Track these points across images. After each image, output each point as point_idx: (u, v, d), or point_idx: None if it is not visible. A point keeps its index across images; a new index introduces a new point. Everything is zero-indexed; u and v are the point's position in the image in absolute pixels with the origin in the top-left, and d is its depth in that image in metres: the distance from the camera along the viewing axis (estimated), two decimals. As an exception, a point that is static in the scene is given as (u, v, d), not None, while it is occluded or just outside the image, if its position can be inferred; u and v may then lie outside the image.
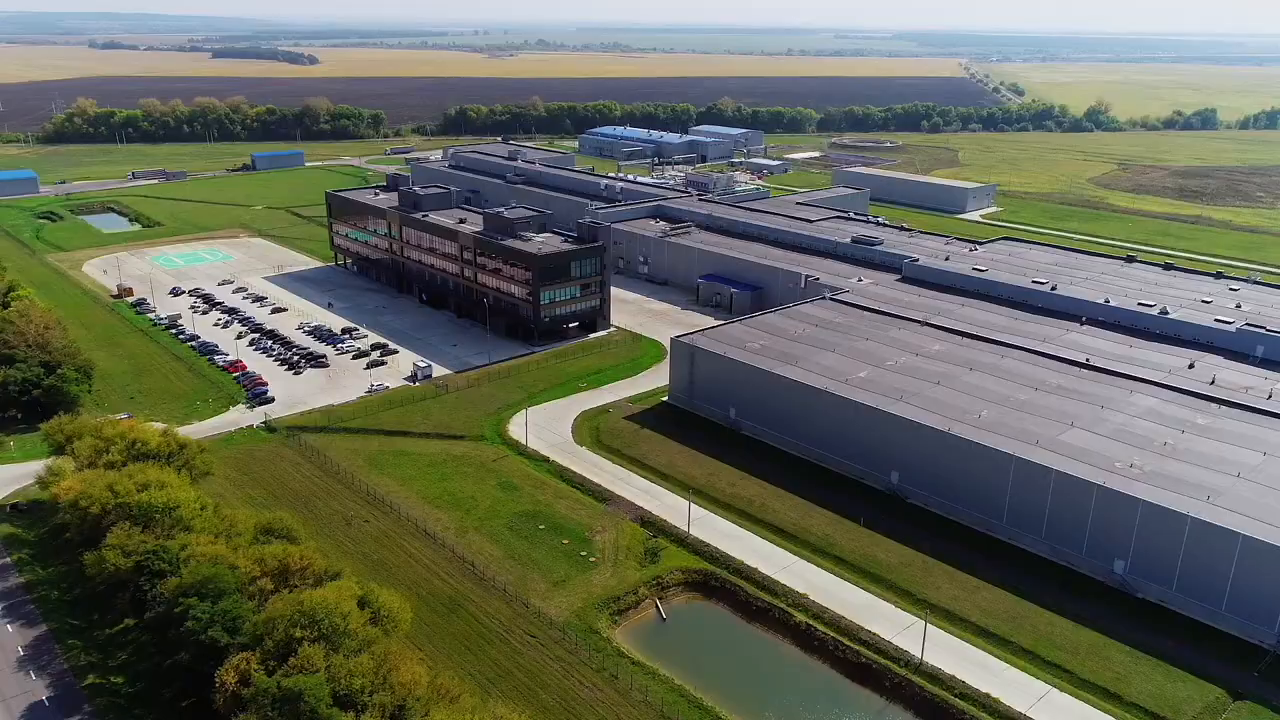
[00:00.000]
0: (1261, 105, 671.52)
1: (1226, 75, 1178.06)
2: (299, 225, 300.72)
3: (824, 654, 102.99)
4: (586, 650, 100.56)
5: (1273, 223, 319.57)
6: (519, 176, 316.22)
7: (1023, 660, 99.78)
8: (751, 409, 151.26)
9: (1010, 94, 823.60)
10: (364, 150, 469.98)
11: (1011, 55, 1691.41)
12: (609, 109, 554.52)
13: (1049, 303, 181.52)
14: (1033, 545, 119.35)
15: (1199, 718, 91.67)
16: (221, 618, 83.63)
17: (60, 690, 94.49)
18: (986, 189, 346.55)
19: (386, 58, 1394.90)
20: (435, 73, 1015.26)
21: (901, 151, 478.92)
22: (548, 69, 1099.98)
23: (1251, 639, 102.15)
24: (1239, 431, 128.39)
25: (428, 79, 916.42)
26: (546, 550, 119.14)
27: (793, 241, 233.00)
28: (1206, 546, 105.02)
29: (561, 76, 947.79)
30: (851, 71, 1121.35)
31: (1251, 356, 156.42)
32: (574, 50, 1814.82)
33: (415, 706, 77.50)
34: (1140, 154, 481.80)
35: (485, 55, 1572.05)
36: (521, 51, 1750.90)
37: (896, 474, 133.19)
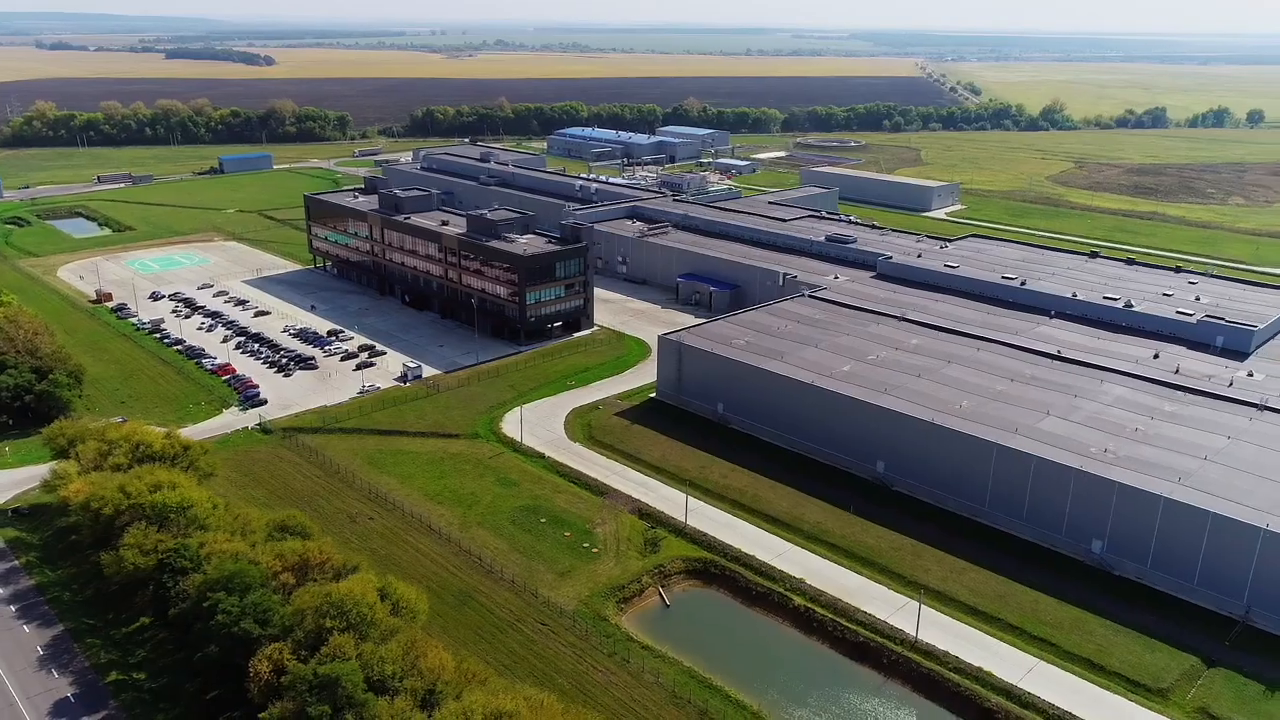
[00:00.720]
0: (1208, 104, 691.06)
1: (1172, 74, 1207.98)
2: (273, 229, 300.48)
3: (823, 635, 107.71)
4: (597, 636, 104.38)
5: (1224, 218, 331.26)
6: (492, 178, 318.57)
7: (1011, 636, 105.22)
8: (739, 404, 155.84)
9: (967, 93, 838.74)
10: (331, 152, 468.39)
11: (966, 55, 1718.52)
12: (576, 110, 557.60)
13: (1019, 297, 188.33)
14: (1015, 528, 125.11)
15: (1177, 685, 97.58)
16: (252, 610, 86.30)
17: (83, 687, 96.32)
18: (950, 187, 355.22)
19: (344, 58, 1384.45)
20: (396, 73, 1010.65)
21: (865, 151, 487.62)
22: (509, 69, 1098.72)
23: (1222, 610, 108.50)
24: (1204, 417, 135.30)
25: (389, 80, 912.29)
26: (550, 543, 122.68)
27: (768, 241, 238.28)
28: (1179, 525, 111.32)
29: (524, 77, 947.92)
30: (811, 71, 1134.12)
31: (1212, 346, 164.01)
32: (533, 50, 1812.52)
33: (446, 689, 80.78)
34: (1095, 152, 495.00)
35: (444, 55, 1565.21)
36: (481, 52, 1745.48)
37: (882, 464, 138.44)
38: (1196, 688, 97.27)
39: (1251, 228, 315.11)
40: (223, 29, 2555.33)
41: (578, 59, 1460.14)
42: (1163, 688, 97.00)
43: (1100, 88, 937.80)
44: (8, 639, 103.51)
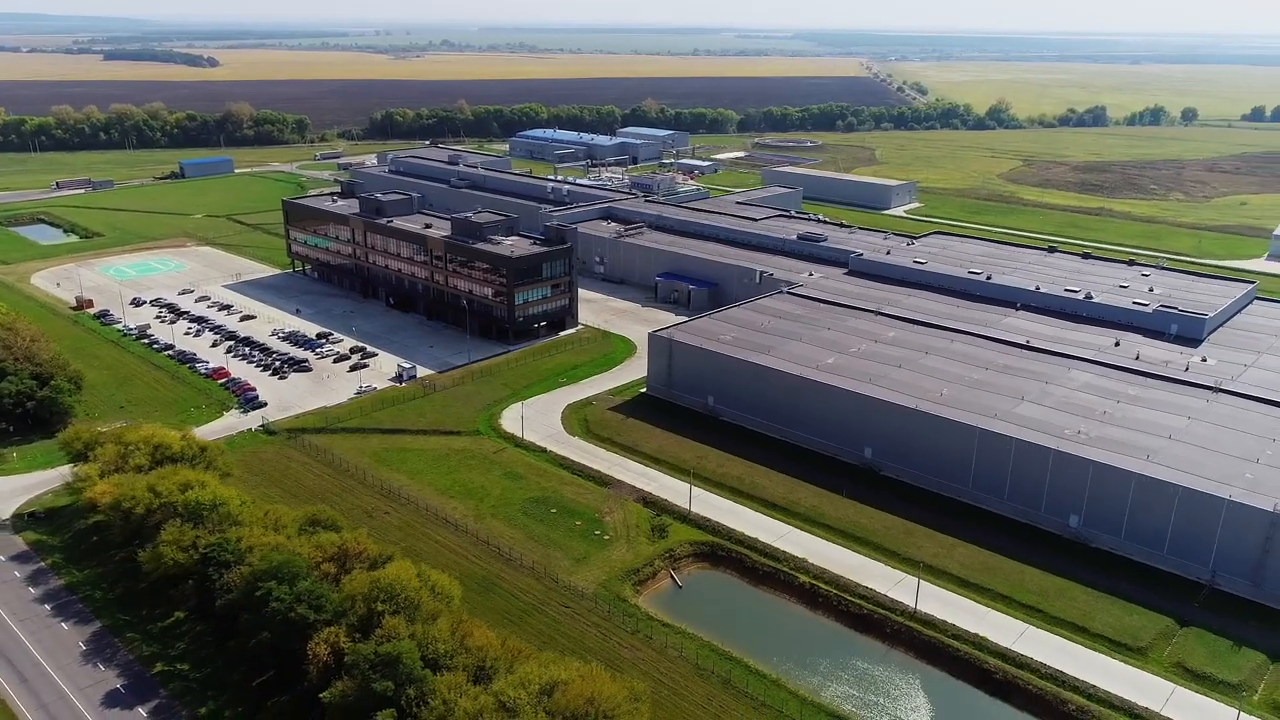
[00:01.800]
0: (1144, 103, 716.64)
1: (1107, 74, 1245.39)
2: (245, 233, 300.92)
3: (828, 609, 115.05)
4: (618, 616, 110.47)
5: (1166, 213, 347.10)
6: (463, 181, 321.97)
7: (1001, 604, 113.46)
8: (729, 396, 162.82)
9: (914, 93, 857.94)
10: (292, 156, 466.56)
11: (909, 55, 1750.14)
12: (535, 112, 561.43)
13: (986, 291, 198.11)
14: (997, 506, 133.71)
15: (1154, 643, 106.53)
16: (307, 597, 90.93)
17: (131, 678, 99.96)
18: (908, 186, 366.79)
19: (289, 59, 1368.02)
20: (345, 75, 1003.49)
21: (822, 151, 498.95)
22: (460, 70, 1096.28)
23: (1190, 576, 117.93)
24: (1165, 399, 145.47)
25: (340, 81, 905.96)
26: (563, 531, 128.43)
27: (742, 240, 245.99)
28: (1149, 499, 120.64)
29: (476, 78, 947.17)
30: (760, 72, 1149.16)
31: (1167, 334, 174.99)
32: (481, 51, 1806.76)
33: (497, 664, 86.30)
34: (1041, 150, 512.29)
35: (391, 57, 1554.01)
36: (428, 52, 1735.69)
37: (870, 450, 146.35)
38: (1172, 645, 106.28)
39: (1192, 222, 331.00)
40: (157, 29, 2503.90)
41: (527, 60, 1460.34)
42: (1141, 646, 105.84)
43: (1041, 87, 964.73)
44: (48, 636, 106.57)
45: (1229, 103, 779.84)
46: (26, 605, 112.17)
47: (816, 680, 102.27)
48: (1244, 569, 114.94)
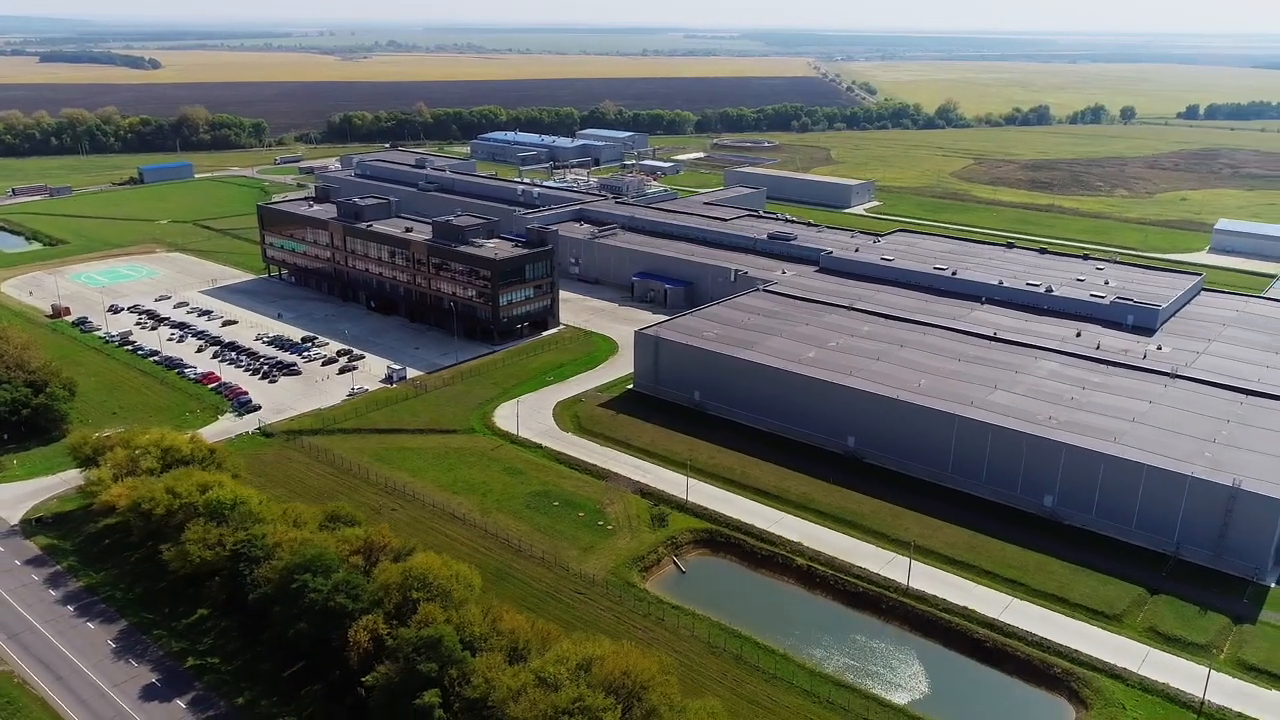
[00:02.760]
0: (1085, 102, 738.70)
1: (1047, 72, 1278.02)
2: (214, 239, 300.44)
3: (825, 588, 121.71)
4: (629, 600, 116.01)
5: (1112, 209, 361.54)
6: (431, 184, 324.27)
7: (986, 580, 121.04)
8: (715, 391, 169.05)
9: (864, 93, 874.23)
10: (250, 160, 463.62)
11: (854, 55, 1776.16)
12: (495, 114, 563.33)
13: (952, 286, 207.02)
14: (976, 489, 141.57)
15: (1128, 610, 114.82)
16: (345, 587, 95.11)
17: (165, 673, 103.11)
18: (867, 185, 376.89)
19: (233, 61, 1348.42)
20: (294, 77, 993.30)
21: (780, 151, 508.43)
22: (409, 71, 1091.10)
23: (1157, 549, 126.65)
24: (1126, 386, 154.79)
25: (290, 83, 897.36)
26: (567, 523, 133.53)
27: (714, 239, 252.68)
28: (1118, 478, 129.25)
29: (428, 80, 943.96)
30: (711, 72, 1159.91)
31: (1123, 324, 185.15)
32: (429, 52, 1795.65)
33: (531, 644, 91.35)
34: (990, 149, 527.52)
35: (339, 58, 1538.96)
36: (374, 53, 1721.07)
37: (853, 439, 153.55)
38: (1144, 611, 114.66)
39: (1138, 217, 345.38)
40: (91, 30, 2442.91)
41: (477, 60, 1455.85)
42: (1117, 613, 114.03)
43: (984, 86, 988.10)
44: (76, 636, 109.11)
45: (1164, 101, 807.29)
46: (50, 607, 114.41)
47: (820, 654, 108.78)
48: (1206, 540, 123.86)
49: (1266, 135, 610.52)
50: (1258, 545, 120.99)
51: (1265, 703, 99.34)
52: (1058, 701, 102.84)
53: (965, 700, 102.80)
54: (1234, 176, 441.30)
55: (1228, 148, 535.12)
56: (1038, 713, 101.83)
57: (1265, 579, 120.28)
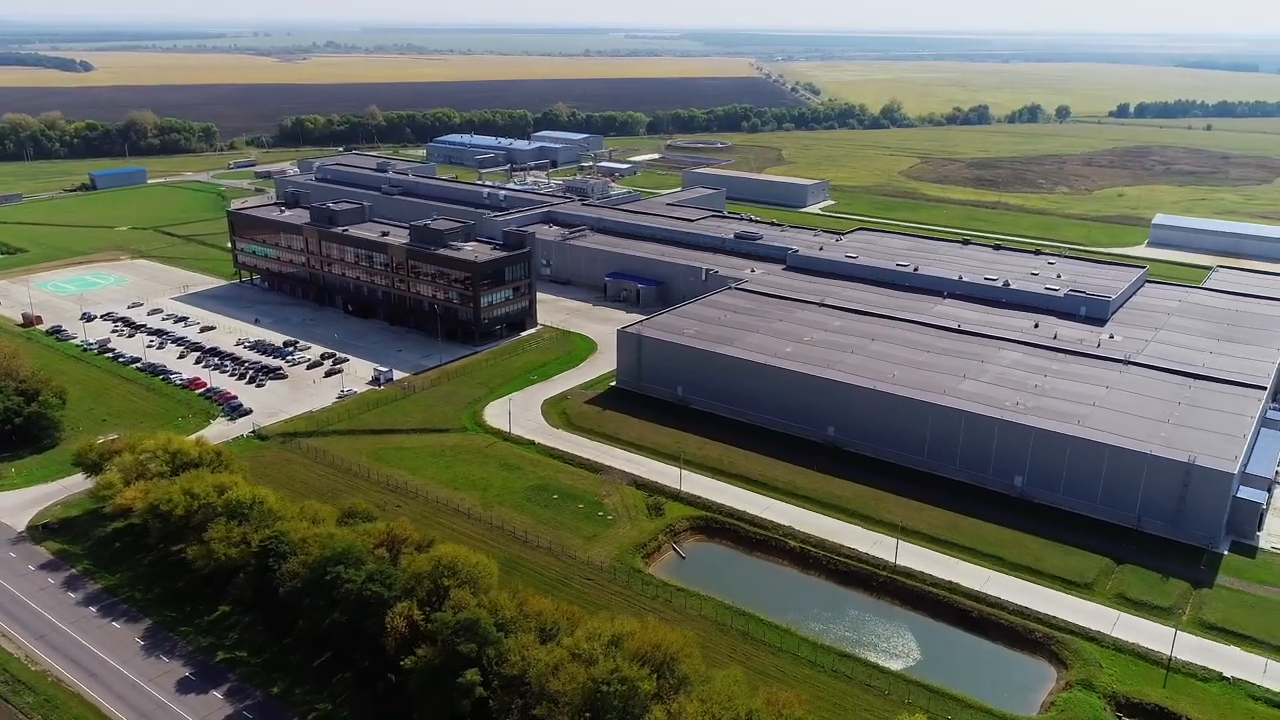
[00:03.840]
0: (1022, 101, 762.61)
1: (983, 72, 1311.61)
2: (179, 245, 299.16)
3: (819, 568, 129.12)
4: (637, 584, 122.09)
5: (1055, 206, 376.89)
6: (395, 188, 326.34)
7: (967, 556, 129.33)
8: (698, 386, 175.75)
9: (808, 93, 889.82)
10: (203, 164, 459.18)
11: (794, 55, 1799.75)
12: (448, 117, 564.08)
13: (915, 282, 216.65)
14: (951, 472, 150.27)
15: (1097, 580, 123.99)
16: (379, 576, 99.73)
17: (197, 667, 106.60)
18: (821, 185, 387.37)
19: (171, 63, 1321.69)
20: (236, 79, 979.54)
21: (732, 151, 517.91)
22: (353, 73, 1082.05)
23: (1120, 522, 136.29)
24: (1084, 373, 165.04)
25: (231, 86, 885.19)
26: (568, 514, 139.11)
27: (682, 239, 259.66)
28: (1083, 458, 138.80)
29: (373, 81, 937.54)
30: (656, 72, 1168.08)
31: (1077, 315, 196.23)
32: (369, 53, 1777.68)
33: (558, 625, 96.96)
34: (935, 148, 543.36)
35: (277, 59, 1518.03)
36: (313, 54, 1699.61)
37: (832, 428, 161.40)
38: (1112, 580, 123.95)
39: (1079, 213, 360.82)
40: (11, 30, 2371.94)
41: (419, 62, 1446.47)
42: (1088, 582, 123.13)
43: (924, 86, 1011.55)
44: (103, 635, 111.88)
45: (1096, 100, 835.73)
46: (72, 609, 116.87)
47: (820, 628, 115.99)
48: (1164, 513, 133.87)
49: (1193, 133, 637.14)
50: (1211, 516, 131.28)
51: (1226, 657, 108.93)
52: (1040, 663, 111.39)
53: (955, 665, 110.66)
54: (1166, 173, 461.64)
55: (1158, 145, 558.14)
56: (1022, 674, 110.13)
57: (1219, 547, 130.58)
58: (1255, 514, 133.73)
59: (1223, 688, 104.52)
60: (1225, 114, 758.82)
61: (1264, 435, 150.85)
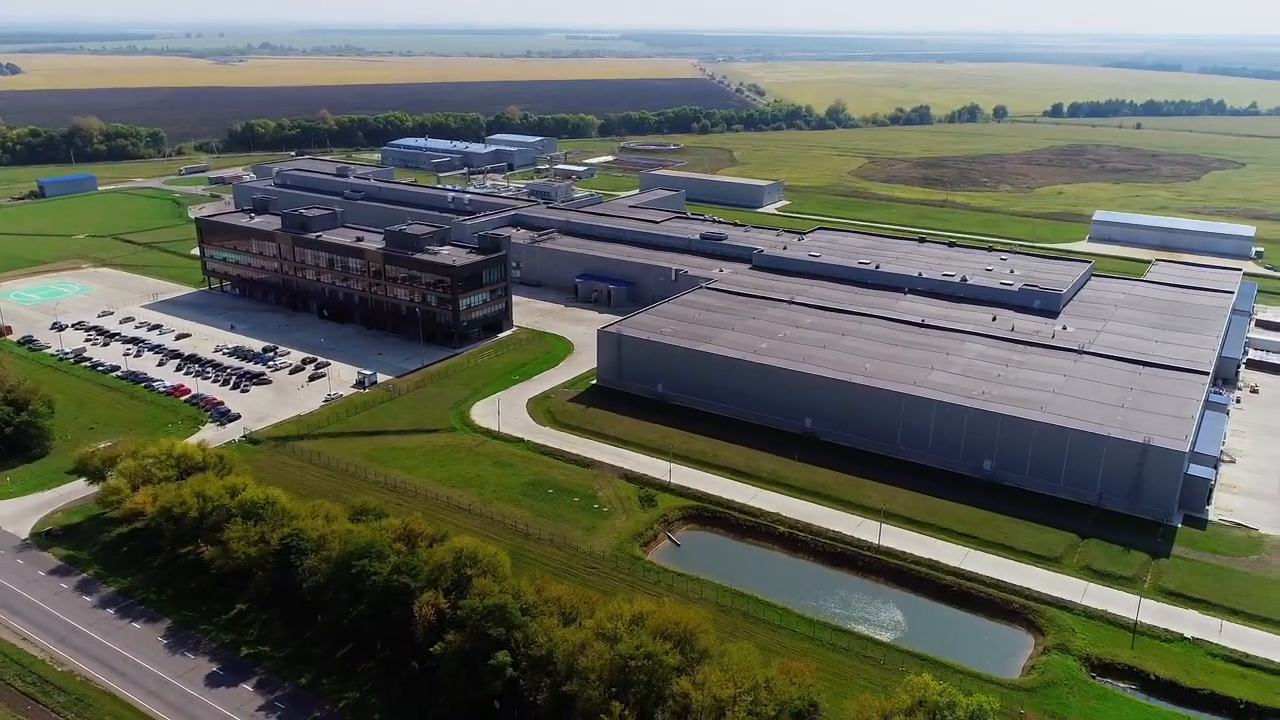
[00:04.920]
0: (961, 102, 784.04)
1: (921, 72, 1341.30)
2: (141, 253, 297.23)
3: (807, 551, 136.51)
4: (638, 571, 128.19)
5: (1000, 203, 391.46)
6: (357, 193, 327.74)
7: (944, 536, 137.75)
8: (678, 382, 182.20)
9: (753, 94, 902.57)
10: (153, 170, 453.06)
11: (735, 55, 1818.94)
12: (400, 120, 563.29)
13: (877, 279, 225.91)
14: (923, 459, 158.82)
15: (1065, 554, 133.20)
16: (405, 568, 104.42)
17: (223, 662, 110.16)
18: (776, 185, 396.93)
19: (104, 65, 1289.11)
20: (174, 82, 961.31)
21: (685, 153, 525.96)
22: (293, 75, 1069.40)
23: (1082, 500, 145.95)
24: (1042, 362, 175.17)
25: (171, 89, 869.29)
26: (565, 507, 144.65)
27: (649, 241, 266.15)
28: (1046, 442, 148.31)
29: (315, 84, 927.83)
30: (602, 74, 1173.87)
31: (1031, 308, 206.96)
32: (306, 55, 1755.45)
33: (577, 609, 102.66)
34: (880, 148, 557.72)
35: (213, 61, 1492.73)
36: (249, 56, 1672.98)
37: (810, 420, 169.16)
38: (1078, 553, 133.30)
39: (1023, 210, 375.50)
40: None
41: (359, 64, 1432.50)
42: (1057, 556, 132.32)
43: (866, 87, 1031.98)
44: (125, 635, 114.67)
45: (1031, 100, 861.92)
46: (89, 611, 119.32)
47: (813, 605, 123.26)
48: (1123, 491, 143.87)
49: (1124, 132, 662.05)
50: (1166, 492, 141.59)
51: (1186, 620, 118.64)
52: (1018, 631, 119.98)
53: (941, 635, 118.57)
54: (1101, 171, 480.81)
55: (1092, 144, 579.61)
56: (1003, 641, 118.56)
57: (1173, 520, 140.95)
58: (1204, 489, 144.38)
59: (1184, 647, 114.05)
60: (1153, 113, 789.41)
61: (1208, 417, 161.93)
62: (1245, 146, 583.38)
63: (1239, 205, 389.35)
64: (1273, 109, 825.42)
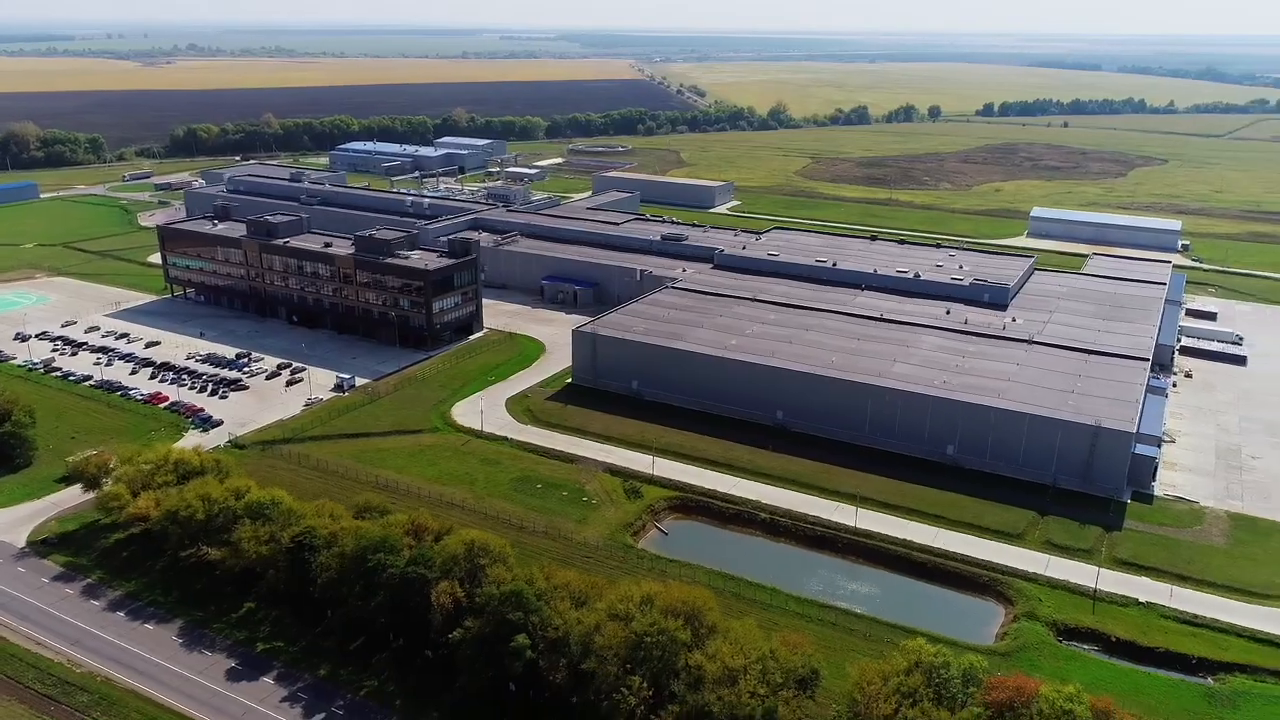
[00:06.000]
0: (897, 102, 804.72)
1: (854, 72, 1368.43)
2: (94, 261, 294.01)
3: (789, 535, 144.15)
4: (632, 559, 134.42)
5: (942, 201, 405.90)
6: (313, 198, 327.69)
7: (916, 517, 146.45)
8: (652, 379, 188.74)
9: (694, 95, 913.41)
10: (95, 177, 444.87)
11: (671, 56, 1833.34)
12: (346, 124, 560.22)
13: (835, 276, 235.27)
14: (890, 445, 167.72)
15: (1027, 530, 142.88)
16: (421, 559, 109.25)
17: (240, 658, 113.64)
18: (727, 186, 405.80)
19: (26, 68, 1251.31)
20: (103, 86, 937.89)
21: (633, 154, 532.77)
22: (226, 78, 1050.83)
23: (1039, 480, 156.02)
24: (996, 352, 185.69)
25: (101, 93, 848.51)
26: (555, 501, 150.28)
27: (612, 242, 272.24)
28: (1005, 426, 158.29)
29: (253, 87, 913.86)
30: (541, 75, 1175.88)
31: (981, 301, 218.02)
32: (235, 56, 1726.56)
33: (586, 593, 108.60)
34: (823, 148, 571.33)
35: (139, 64, 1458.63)
36: (176, 58, 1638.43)
37: (781, 412, 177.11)
38: (1039, 529, 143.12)
39: (964, 208, 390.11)
40: None
41: (292, 65, 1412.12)
42: (1019, 532, 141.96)
43: (803, 87, 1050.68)
44: (140, 636, 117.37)
45: (963, 100, 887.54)
46: (100, 614, 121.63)
47: (799, 585, 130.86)
48: (1077, 470, 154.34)
49: (1052, 130, 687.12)
50: (1116, 471, 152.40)
51: (1139, 586, 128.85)
52: (989, 602, 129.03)
53: (919, 608, 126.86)
54: (1034, 169, 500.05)
55: (1024, 143, 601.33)
56: (976, 612, 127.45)
57: (1123, 496, 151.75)
58: (1150, 467, 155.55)
59: (1139, 611, 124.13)
60: (1078, 111, 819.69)
61: (1150, 400, 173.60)
62: (1166, 144, 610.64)
63: (1164, 200, 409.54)
64: (1189, 107, 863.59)
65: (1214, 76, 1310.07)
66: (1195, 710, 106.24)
